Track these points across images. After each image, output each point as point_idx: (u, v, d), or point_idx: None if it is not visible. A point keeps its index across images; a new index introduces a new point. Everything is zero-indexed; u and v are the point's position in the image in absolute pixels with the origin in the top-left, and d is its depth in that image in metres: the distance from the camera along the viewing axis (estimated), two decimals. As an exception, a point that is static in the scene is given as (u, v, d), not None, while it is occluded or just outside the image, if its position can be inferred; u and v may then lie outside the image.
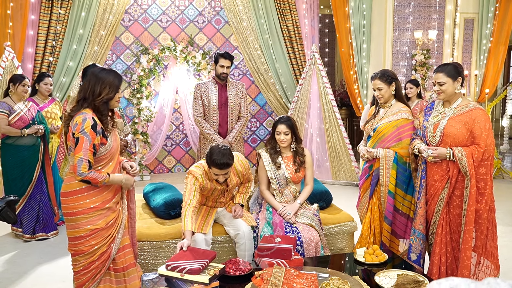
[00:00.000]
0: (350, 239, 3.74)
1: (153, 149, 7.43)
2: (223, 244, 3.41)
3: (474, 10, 6.92)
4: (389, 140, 3.33)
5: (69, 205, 2.58)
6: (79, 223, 2.57)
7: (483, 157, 2.84)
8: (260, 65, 7.10)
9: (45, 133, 4.48)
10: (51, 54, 6.18)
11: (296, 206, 3.44)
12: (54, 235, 4.61)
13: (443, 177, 2.99)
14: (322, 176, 6.89)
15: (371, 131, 3.44)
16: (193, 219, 3.04)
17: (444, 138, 2.95)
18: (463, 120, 2.90)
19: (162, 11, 7.41)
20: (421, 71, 6.76)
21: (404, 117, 3.33)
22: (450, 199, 2.99)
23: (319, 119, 6.87)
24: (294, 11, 7.11)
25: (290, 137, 3.46)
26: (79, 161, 2.49)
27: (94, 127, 2.51)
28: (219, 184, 3.28)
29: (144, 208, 3.95)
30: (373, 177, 3.40)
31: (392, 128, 3.33)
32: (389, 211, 3.31)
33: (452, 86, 2.95)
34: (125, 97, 7.36)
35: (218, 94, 4.58)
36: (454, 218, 2.99)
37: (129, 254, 2.78)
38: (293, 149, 3.52)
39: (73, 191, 2.58)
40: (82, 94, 2.58)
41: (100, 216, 2.61)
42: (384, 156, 3.29)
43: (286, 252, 2.84)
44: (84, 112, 2.54)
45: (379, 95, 3.38)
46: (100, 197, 2.62)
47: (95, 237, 2.60)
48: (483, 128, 2.84)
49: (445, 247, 3.01)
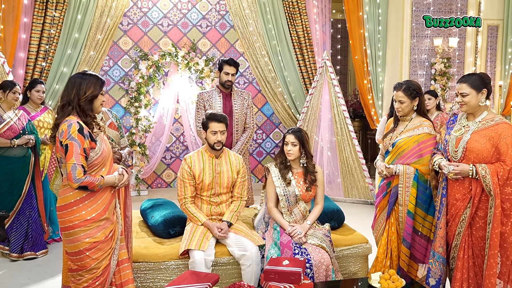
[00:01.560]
0: (364, 262, 3.71)
1: (151, 162, 7.44)
2: (226, 266, 3.40)
3: (499, 17, 6.93)
4: (410, 156, 3.32)
5: (65, 219, 2.66)
6: (77, 237, 2.66)
7: (509, 176, 2.82)
8: (267, 73, 7.13)
9: (36, 143, 4.50)
10: (44, 59, 6.23)
11: (306, 227, 3.44)
12: (43, 254, 4.59)
13: (465, 196, 2.97)
14: (334, 193, 6.87)
15: (389, 146, 3.43)
16: (199, 212, 3.48)
17: (467, 153, 2.94)
18: (488, 134, 2.89)
19: (163, 14, 7.48)
20: (441, 81, 6.75)
21: (426, 131, 3.32)
22: (472, 220, 2.97)
23: (330, 132, 6.87)
24: (304, 16, 7.15)
25: (298, 150, 3.47)
26: (72, 167, 2.59)
27: (81, 131, 2.63)
28: (211, 155, 3.54)
29: (141, 226, 3.94)
30: (391, 195, 3.38)
31: (413, 143, 3.32)
32: (408, 232, 3.29)
33: (475, 98, 2.95)
34: (122, 106, 7.40)
35: (222, 104, 4.60)
36: (477, 241, 2.96)
37: (127, 269, 2.88)
38: (302, 164, 3.52)
39: (68, 204, 2.66)
40: (66, 98, 2.71)
41: (98, 228, 2.70)
42: (404, 173, 3.28)
43: (295, 276, 2.82)
44: (68, 119, 2.65)
45: (399, 108, 3.38)
46: (95, 207, 2.70)
47: (96, 251, 2.69)
48: (510, 144, 2.83)
49: (467, 272, 2.98)
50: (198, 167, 3.51)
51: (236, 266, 3.39)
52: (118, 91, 7.41)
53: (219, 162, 3.57)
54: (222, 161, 3.59)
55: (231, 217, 3.52)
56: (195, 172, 3.50)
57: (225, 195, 3.59)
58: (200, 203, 3.56)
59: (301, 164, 3.53)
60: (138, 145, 7.14)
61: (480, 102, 2.96)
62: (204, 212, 3.53)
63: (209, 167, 3.53)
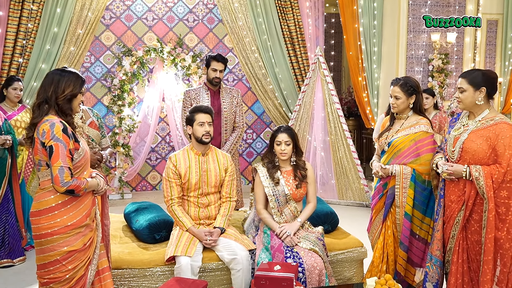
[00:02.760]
0: (359, 267, 3.74)
1: (136, 164, 7.43)
2: (215, 272, 3.40)
3: (498, 11, 7.00)
4: (406, 155, 3.35)
5: (43, 225, 2.59)
6: (54, 245, 2.59)
7: (504, 178, 2.82)
8: (257, 70, 7.15)
9: (13, 144, 4.47)
10: (21, 55, 6.19)
11: (296, 226, 3.45)
12: (21, 262, 4.57)
13: (460, 198, 3.00)
14: (327, 195, 6.90)
15: (385, 145, 3.46)
16: (185, 217, 3.46)
17: (463, 154, 2.96)
18: (485, 134, 2.90)
19: (148, 8, 7.47)
20: (438, 77, 6.81)
21: (423, 130, 3.35)
22: (468, 223, 2.99)
23: (323, 131, 6.90)
24: (297, 9, 7.18)
25: (292, 148, 3.50)
26: (60, 170, 2.54)
27: (65, 131, 2.59)
28: (197, 152, 3.57)
29: (125, 231, 3.94)
30: (388, 196, 3.41)
31: (410, 142, 3.35)
32: (405, 235, 3.32)
33: (472, 96, 2.96)
34: (104, 105, 7.38)
35: (210, 102, 4.60)
36: (473, 245, 2.98)
37: (108, 278, 2.84)
38: (293, 162, 3.55)
39: (48, 208, 2.60)
40: (43, 95, 2.64)
41: (77, 235, 2.64)
42: (400, 174, 3.31)
43: (286, 282, 2.84)
44: (48, 119, 2.60)
45: (394, 104, 3.41)
46: (77, 212, 2.65)
47: (72, 261, 2.62)
48: (507, 146, 2.83)
49: (461, 277, 3.00)
50: (184, 166, 3.52)
51: (226, 272, 3.40)
52: (100, 89, 7.39)
53: (206, 160, 3.58)
54: (209, 158, 3.60)
55: (223, 222, 3.52)
56: (180, 171, 3.50)
57: (213, 196, 3.60)
58: (187, 206, 3.56)
59: (291, 162, 3.56)
60: (121, 145, 7.12)
61: (477, 101, 2.95)
62: (191, 216, 3.53)
63: (195, 165, 3.53)
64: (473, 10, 6.85)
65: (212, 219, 3.58)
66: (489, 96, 2.99)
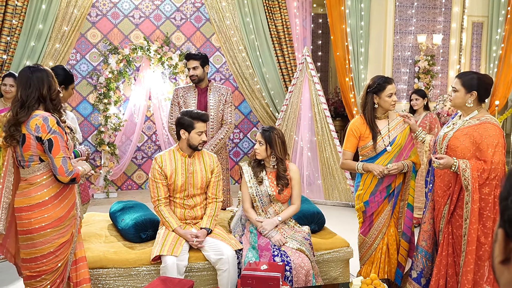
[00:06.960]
0: (345, 267, 3.76)
1: (121, 162, 7.38)
2: (201, 272, 3.39)
3: (483, 13, 7.08)
4: (407, 149, 3.48)
5: (36, 219, 2.64)
6: (48, 238, 2.67)
7: (488, 176, 2.89)
8: (245, 69, 7.14)
9: None
10: (5, 52, 6.11)
11: (274, 222, 3.46)
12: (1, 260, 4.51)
13: (445, 192, 3.10)
14: (314, 196, 6.92)
15: (387, 147, 3.44)
16: (172, 217, 3.43)
17: (448, 150, 3.06)
18: (469, 133, 2.97)
19: (135, 5, 7.42)
20: (424, 79, 6.87)
21: (402, 119, 3.53)
22: (453, 218, 3.07)
23: (310, 131, 6.92)
24: (284, 10, 7.19)
25: (265, 150, 3.49)
26: (63, 161, 2.63)
27: (58, 124, 2.67)
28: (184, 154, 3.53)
29: (110, 230, 3.91)
30: (395, 195, 3.49)
31: (406, 135, 3.48)
32: (408, 226, 3.46)
33: (462, 97, 3.02)
34: (90, 103, 7.32)
35: (197, 100, 4.58)
36: (458, 240, 3.05)
37: (84, 268, 2.95)
38: (273, 166, 3.55)
39: (42, 202, 2.65)
40: (36, 93, 2.64)
41: (68, 227, 2.76)
42: (410, 168, 3.44)
43: (273, 281, 2.84)
44: (37, 114, 2.62)
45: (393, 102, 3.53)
46: (66, 203, 2.75)
47: (63, 251, 2.75)
48: (491, 144, 2.89)
49: (445, 269, 3.08)
50: (169, 167, 3.49)
51: (212, 272, 3.39)
52: (85, 87, 7.32)
53: (192, 162, 3.55)
54: (195, 160, 3.57)
55: (209, 223, 3.51)
56: (166, 172, 3.48)
57: (199, 197, 3.58)
58: (173, 207, 3.55)
59: (271, 165, 3.56)
60: (107, 144, 7.07)
61: (467, 103, 3.01)
62: (178, 216, 3.52)
63: (181, 167, 3.51)
64: (459, 12, 6.92)
65: (198, 219, 3.57)
66: (480, 99, 3.05)
